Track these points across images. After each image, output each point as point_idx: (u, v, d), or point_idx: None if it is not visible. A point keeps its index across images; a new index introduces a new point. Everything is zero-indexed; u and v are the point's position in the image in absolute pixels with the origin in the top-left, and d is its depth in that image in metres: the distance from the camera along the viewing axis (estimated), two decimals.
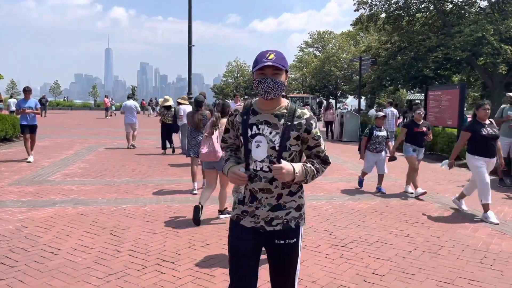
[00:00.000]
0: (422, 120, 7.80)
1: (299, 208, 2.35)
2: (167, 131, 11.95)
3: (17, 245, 4.50)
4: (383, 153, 7.91)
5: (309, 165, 2.27)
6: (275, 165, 2.15)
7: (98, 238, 4.81)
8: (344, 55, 59.59)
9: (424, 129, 7.67)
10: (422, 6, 26.00)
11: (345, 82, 58.59)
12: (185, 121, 11.39)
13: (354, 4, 26.57)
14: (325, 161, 2.37)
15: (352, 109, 22.90)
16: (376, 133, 7.83)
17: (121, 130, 19.40)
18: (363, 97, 46.39)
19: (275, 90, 2.17)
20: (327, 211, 6.32)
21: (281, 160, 2.19)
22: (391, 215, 6.21)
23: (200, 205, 5.42)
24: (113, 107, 34.92)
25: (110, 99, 35.34)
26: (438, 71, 25.88)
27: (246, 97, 61.52)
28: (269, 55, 2.16)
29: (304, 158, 2.40)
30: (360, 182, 8.15)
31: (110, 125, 23.71)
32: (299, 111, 2.28)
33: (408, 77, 26.42)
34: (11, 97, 25.68)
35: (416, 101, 36.86)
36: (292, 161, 2.25)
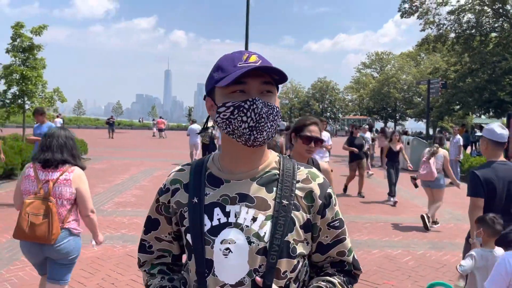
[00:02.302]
0: None
1: None
2: (206, 149, 13.27)
3: None
4: None
5: None
6: None
7: None
8: (404, 76, 57.50)
9: None
10: (496, 25, 24.13)
11: (405, 105, 56.26)
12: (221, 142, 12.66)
13: (420, 24, 25.31)
14: (352, 274, 1.27)
15: (411, 133, 21.40)
16: None
17: (177, 152, 19.39)
18: (424, 121, 44.08)
19: (271, 124, 1.11)
20: (407, 264, 5.36)
21: (273, 286, 1.11)
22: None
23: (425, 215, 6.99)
24: (162, 131, 33.85)
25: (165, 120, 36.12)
26: None
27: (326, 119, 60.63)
28: (248, 56, 1.13)
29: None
30: None
31: (167, 146, 23.89)
32: (303, 170, 1.23)
33: (481, 101, 24.43)
34: (57, 116, 24.90)
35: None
36: (298, 283, 1.20)
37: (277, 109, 1.14)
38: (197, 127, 14.79)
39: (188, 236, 1.16)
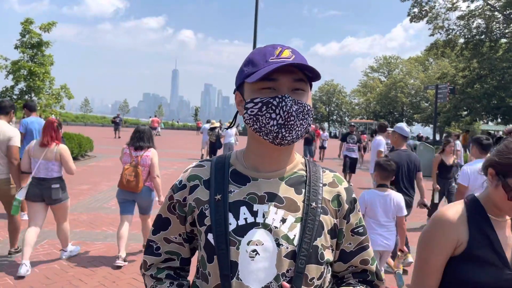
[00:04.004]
0: None
1: None
2: (213, 147, 14.60)
3: None
4: None
5: None
6: None
7: None
8: (412, 81, 57.30)
9: None
10: (507, 31, 23.90)
11: (412, 109, 56.01)
12: (227, 140, 14.14)
13: (429, 29, 25.10)
14: (373, 285, 1.22)
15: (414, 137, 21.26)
16: None
17: (182, 151, 19.42)
18: (431, 126, 43.87)
19: (301, 123, 1.06)
20: (410, 269, 5.27)
21: None
22: None
23: None
24: (159, 128, 34.50)
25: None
26: None
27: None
28: (281, 51, 1.07)
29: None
30: None
31: (171, 146, 23.91)
32: (329, 173, 1.20)
33: (489, 107, 24.22)
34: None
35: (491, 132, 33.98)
36: None
37: (309, 107, 1.08)
38: (209, 126, 16.38)
39: (210, 236, 1.07)
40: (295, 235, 1.06)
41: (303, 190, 1.12)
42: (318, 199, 1.12)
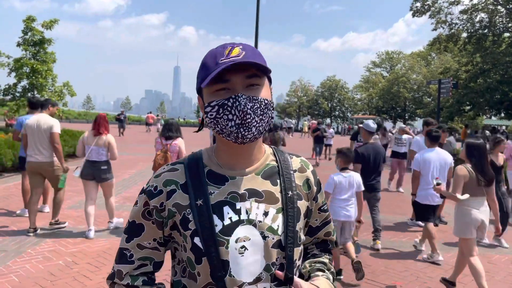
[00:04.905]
0: None
1: None
2: (215, 142, 15.78)
3: None
4: None
5: (328, 275, 1.21)
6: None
7: None
8: (414, 76, 57.12)
9: None
10: (510, 25, 23.74)
11: (415, 105, 55.85)
12: None
13: (431, 24, 24.96)
14: (330, 251, 1.34)
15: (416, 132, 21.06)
16: None
17: (187, 148, 19.48)
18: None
19: (260, 118, 1.06)
20: (416, 264, 5.29)
21: (294, 278, 1.11)
22: (497, 276, 5.04)
23: None
24: (159, 125, 33.10)
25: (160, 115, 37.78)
26: None
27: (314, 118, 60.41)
28: (231, 50, 1.07)
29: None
30: None
31: None
32: (296, 159, 1.26)
33: (492, 101, 24.10)
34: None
35: (494, 126, 33.86)
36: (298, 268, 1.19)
37: (266, 101, 1.07)
38: None
39: (196, 240, 1.07)
40: (278, 225, 1.11)
41: (278, 181, 1.17)
42: (293, 186, 1.17)
